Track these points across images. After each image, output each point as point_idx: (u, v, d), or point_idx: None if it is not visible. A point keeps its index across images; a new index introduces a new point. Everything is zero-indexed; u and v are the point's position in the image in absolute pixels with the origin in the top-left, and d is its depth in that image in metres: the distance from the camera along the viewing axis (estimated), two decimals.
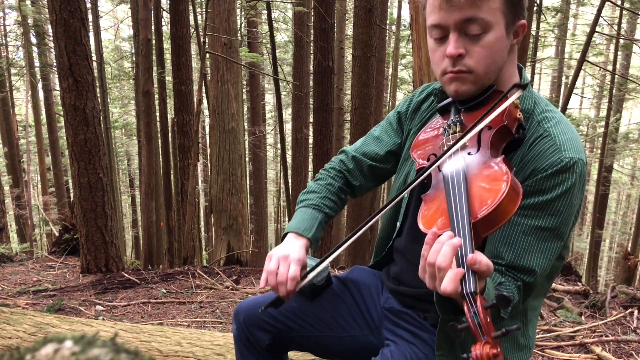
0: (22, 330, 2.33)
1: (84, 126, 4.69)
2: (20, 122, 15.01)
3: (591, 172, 16.48)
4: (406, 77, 16.97)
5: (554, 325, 3.23)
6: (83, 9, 4.60)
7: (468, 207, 0.88)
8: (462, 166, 0.97)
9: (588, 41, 7.12)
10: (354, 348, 1.37)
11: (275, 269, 1.18)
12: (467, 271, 0.81)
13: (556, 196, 1.01)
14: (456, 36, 1.05)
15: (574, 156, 1.01)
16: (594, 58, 13.82)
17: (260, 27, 13.83)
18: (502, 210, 0.88)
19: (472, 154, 1.01)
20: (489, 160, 0.98)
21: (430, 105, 1.30)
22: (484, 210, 0.88)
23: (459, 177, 0.94)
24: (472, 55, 1.05)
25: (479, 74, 1.07)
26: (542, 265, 1.04)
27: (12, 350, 0.44)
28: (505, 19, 1.05)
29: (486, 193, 0.90)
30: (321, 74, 6.62)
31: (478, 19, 1.02)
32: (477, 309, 0.78)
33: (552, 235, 1.03)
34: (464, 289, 0.80)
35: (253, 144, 13.57)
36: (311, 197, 1.35)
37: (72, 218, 6.04)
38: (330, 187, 1.37)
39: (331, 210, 1.35)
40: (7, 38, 14.37)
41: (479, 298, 0.79)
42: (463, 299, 0.80)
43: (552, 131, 1.05)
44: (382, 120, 1.42)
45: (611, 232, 22.28)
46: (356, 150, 1.40)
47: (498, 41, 1.05)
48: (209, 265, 5.96)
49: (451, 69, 1.07)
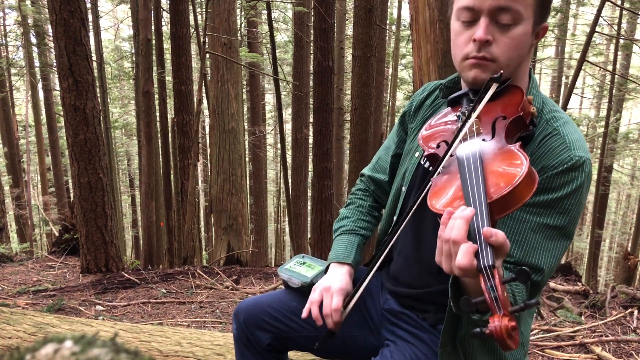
0: (22, 330, 2.33)
1: (84, 126, 4.69)
2: (20, 122, 15.01)
3: (591, 172, 16.42)
4: (406, 77, 16.96)
5: (554, 325, 3.23)
6: (83, 9, 4.60)
7: (484, 187, 0.86)
8: (478, 149, 0.96)
9: (588, 41, 7.12)
10: (353, 348, 1.38)
11: (319, 300, 1.22)
12: (483, 244, 0.79)
13: (566, 194, 1.01)
14: (487, 22, 1.04)
15: (583, 155, 1.02)
16: (594, 58, 13.82)
17: (260, 27, 13.83)
18: (517, 193, 0.86)
19: (487, 140, 1.00)
20: (505, 146, 0.96)
21: (433, 102, 1.30)
22: (501, 191, 0.85)
23: (475, 159, 0.93)
24: (498, 44, 1.05)
25: (501, 64, 1.06)
26: (550, 263, 1.04)
27: (12, 350, 0.44)
28: (535, 16, 1.05)
29: (503, 175, 0.88)
30: (321, 74, 6.61)
31: (512, 9, 1.02)
32: (495, 282, 0.75)
33: (560, 234, 1.03)
34: (481, 262, 0.78)
35: (253, 144, 13.57)
36: (345, 223, 1.38)
37: (72, 218, 6.04)
38: (361, 209, 1.41)
39: (366, 230, 1.38)
40: (7, 38, 14.37)
41: (496, 271, 0.76)
42: (480, 272, 0.78)
43: (562, 130, 1.06)
44: (394, 127, 1.45)
45: (611, 232, 22.27)
46: (372, 169, 1.44)
47: (525, 36, 1.05)
48: (209, 265, 5.96)
49: (475, 54, 1.06)
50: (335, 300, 1.19)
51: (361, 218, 1.39)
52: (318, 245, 6.66)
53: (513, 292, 0.98)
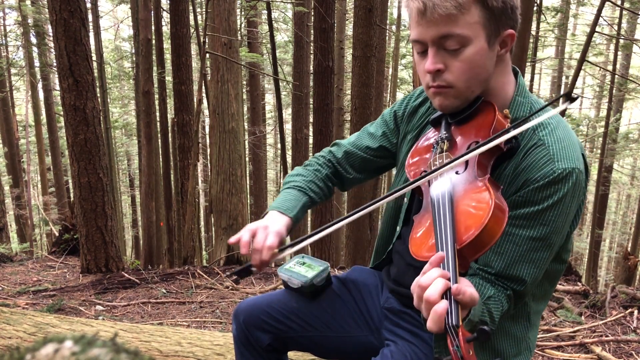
0: (22, 330, 2.33)
1: (84, 126, 4.69)
2: (20, 122, 15.01)
3: (591, 172, 16.44)
4: (406, 77, 16.97)
5: (554, 325, 3.23)
6: (83, 9, 4.60)
7: (453, 234, 0.89)
8: (449, 188, 0.97)
9: (588, 41, 7.12)
10: (354, 348, 1.38)
11: (254, 230, 1.17)
12: (450, 303, 0.81)
13: (547, 207, 1.00)
14: (434, 51, 1.04)
15: (567, 166, 1.00)
16: (594, 58, 13.81)
17: (260, 27, 13.83)
18: (487, 233, 0.89)
19: (459, 172, 1.01)
20: (475, 181, 0.97)
21: (427, 111, 1.29)
22: (469, 236, 0.88)
23: (444, 201, 0.95)
24: (451, 70, 1.04)
25: (460, 89, 1.06)
26: (533, 274, 1.04)
27: (12, 350, 0.44)
28: (485, 31, 1.02)
29: (471, 217, 0.91)
30: (321, 74, 6.61)
31: (454, 34, 1.00)
32: (460, 342, 0.78)
33: (544, 244, 1.03)
34: (447, 322, 0.80)
35: (253, 144, 13.58)
36: (297, 179, 1.34)
37: (72, 218, 6.04)
38: (318, 174, 1.37)
39: (316, 195, 1.34)
40: (7, 38, 14.37)
41: (460, 331, 0.79)
42: (446, 332, 0.81)
43: (547, 140, 1.03)
44: (377, 118, 1.42)
45: (611, 232, 22.27)
46: (350, 143, 1.40)
47: (478, 54, 1.03)
48: (209, 265, 5.95)
49: (432, 84, 1.07)
50: (270, 238, 1.15)
51: (314, 181, 1.35)
52: (318, 246, 6.66)
53: (490, 310, 0.99)
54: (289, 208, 1.25)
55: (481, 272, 1.06)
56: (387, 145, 1.35)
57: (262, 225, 1.18)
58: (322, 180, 1.37)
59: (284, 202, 1.27)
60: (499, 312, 1.01)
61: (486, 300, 1.00)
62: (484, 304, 0.99)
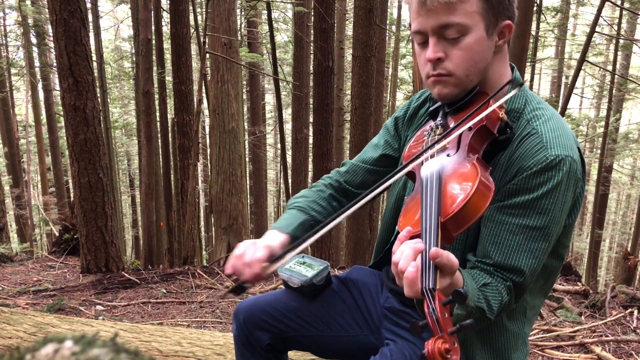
0: (22, 330, 2.33)
1: (84, 126, 4.69)
2: (20, 122, 15.01)
3: (591, 172, 16.47)
4: (406, 77, 16.96)
5: (554, 325, 3.23)
6: (83, 9, 4.60)
7: (438, 207, 0.91)
8: (438, 168, 0.99)
9: (588, 41, 7.12)
10: (353, 347, 1.38)
11: (242, 253, 1.18)
12: (428, 267, 0.82)
13: (542, 194, 1.01)
14: (435, 40, 1.07)
15: (561, 153, 1.01)
16: (594, 58, 13.82)
17: (260, 27, 13.83)
18: (471, 207, 0.90)
19: (450, 155, 1.03)
20: (464, 161, 1.00)
21: (427, 111, 1.31)
22: (453, 209, 0.90)
23: (432, 179, 0.97)
24: (451, 58, 1.07)
25: (460, 77, 1.08)
26: (531, 265, 1.04)
27: (12, 350, 0.44)
28: (484, 20, 1.05)
29: (456, 192, 0.93)
30: (321, 74, 6.62)
31: (454, 23, 1.03)
32: (435, 305, 0.78)
33: (541, 234, 1.03)
34: (423, 286, 0.81)
35: (253, 144, 13.58)
36: (299, 200, 1.38)
37: (72, 218, 6.04)
38: (321, 193, 1.40)
39: (318, 214, 1.36)
40: (7, 38, 14.37)
41: (437, 294, 0.80)
42: (423, 296, 0.81)
43: (540, 129, 1.05)
44: (381, 130, 1.45)
45: (611, 232, 22.28)
46: (355, 159, 1.44)
47: (477, 43, 1.06)
48: (209, 265, 5.96)
49: (432, 73, 1.10)
50: (259, 251, 1.16)
51: (316, 201, 1.37)
52: (318, 245, 6.66)
53: (486, 297, 0.99)
54: (285, 225, 1.28)
55: (480, 264, 1.07)
56: (390, 152, 1.37)
57: (251, 242, 1.21)
58: (325, 199, 1.39)
59: (281, 221, 1.31)
60: (497, 301, 1.01)
61: (482, 287, 1.01)
62: (480, 291, 0.99)
